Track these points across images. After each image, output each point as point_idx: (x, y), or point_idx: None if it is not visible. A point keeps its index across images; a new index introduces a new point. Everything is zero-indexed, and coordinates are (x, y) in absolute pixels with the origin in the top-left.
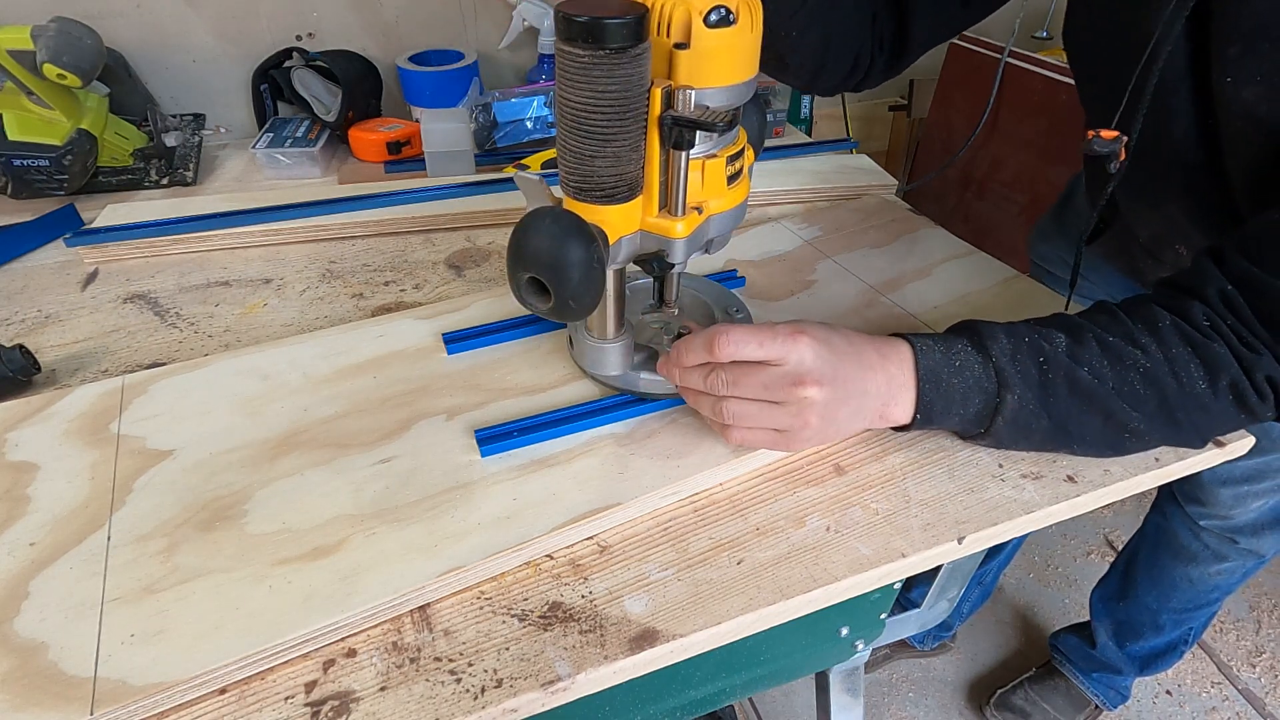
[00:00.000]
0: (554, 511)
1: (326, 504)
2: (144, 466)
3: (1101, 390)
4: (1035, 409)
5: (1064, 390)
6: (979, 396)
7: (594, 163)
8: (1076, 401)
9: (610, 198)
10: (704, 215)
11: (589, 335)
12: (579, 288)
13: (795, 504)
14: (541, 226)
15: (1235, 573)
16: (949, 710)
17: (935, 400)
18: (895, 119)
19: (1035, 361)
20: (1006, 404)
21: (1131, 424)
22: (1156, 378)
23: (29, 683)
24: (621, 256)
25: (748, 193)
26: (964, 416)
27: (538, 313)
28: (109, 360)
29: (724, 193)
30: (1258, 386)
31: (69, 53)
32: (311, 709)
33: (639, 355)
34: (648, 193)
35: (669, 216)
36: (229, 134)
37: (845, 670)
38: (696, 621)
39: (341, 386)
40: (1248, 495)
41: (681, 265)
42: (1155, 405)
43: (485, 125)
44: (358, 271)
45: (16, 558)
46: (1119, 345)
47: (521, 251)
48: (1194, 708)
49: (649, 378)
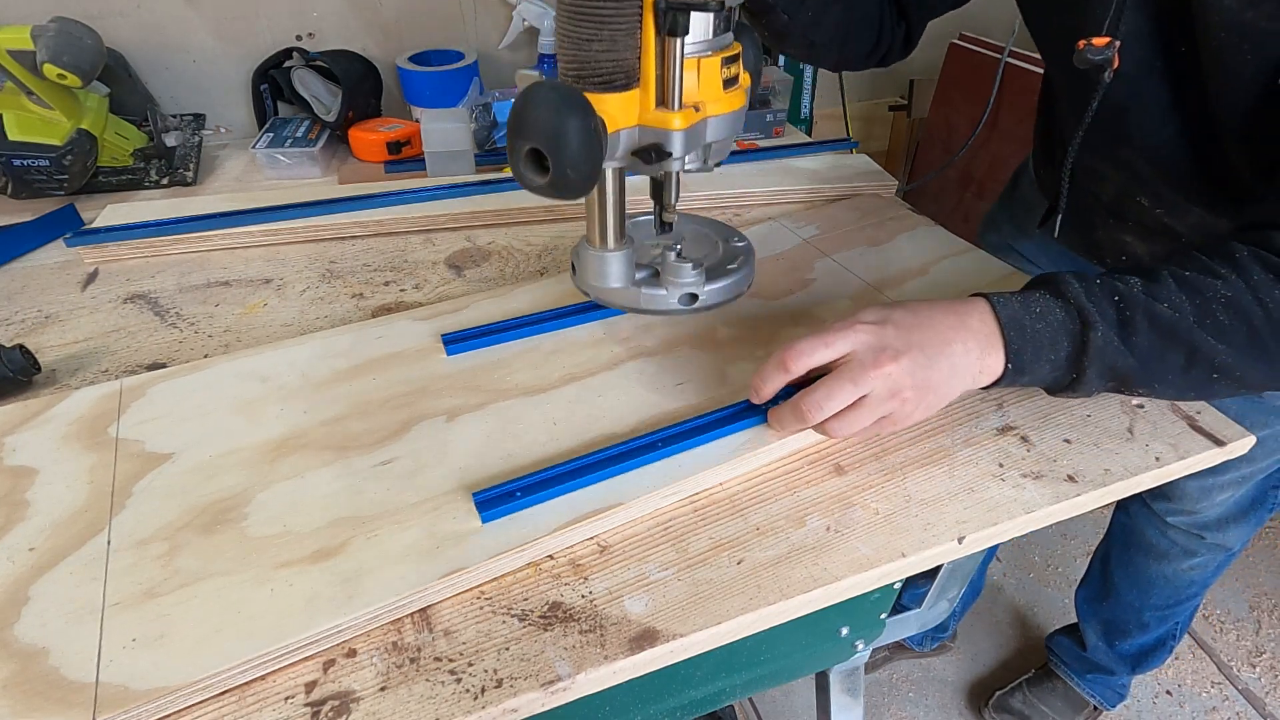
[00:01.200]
0: (556, 512)
1: (327, 506)
2: (143, 470)
3: (1183, 323)
4: (1119, 346)
5: (1144, 326)
6: (1065, 338)
7: (591, 47)
8: (1158, 337)
9: (608, 84)
10: (701, 114)
11: (591, 247)
12: (577, 156)
13: (795, 504)
14: (540, 96)
15: (1208, 567)
16: (949, 710)
17: (1024, 347)
18: (895, 119)
19: (1111, 301)
20: (1092, 342)
21: (1219, 359)
22: (1240, 306)
23: (30, 688)
24: (621, 149)
25: (744, 103)
26: (1055, 361)
27: (536, 189)
28: (109, 360)
29: (720, 96)
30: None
31: (69, 53)
32: (312, 709)
33: (641, 273)
34: (645, 88)
35: (667, 110)
36: (229, 134)
37: (845, 670)
38: (696, 621)
39: (341, 388)
40: (1213, 488)
41: (678, 162)
42: (1244, 336)
43: (485, 125)
44: (358, 271)
45: (16, 563)
46: (1196, 279)
47: (521, 122)
48: (1194, 708)
49: (650, 293)
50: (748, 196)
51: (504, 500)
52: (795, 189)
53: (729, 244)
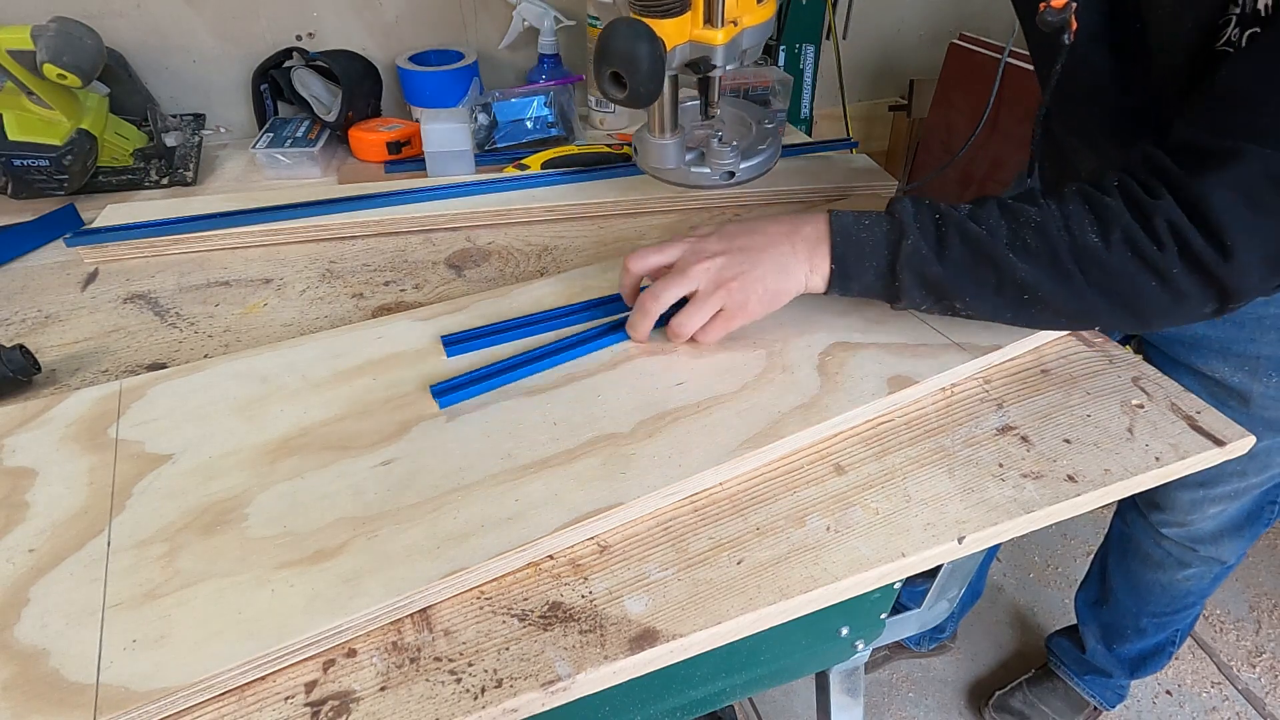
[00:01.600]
0: (555, 512)
1: (327, 507)
2: (143, 471)
3: (991, 241)
4: (928, 255)
5: (956, 240)
6: (885, 246)
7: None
8: (968, 251)
9: (668, 12)
10: (739, 27)
11: (652, 136)
12: (648, 76)
13: (795, 504)
14: (620, 31)
15: (1204, 578)
16: (949, 711)
17: (848, 252)
18: (895, 119)
19: (933, 219)
20: (903, 249)
21: (1023, 277)
22: (1046, 230)
23: (30, 690)
24: (676, 63)
25: (772, 12)
26: (877, 268)
27: (616, 101)
28: (109, 360)
29: (754, 9)
30: (1155, 233)
31: (69, 53)
32: (311, 709)
33: (690, 154)
34: (695, 11)
35: (711, 28)
36: (229, 134)
37: (845, 670)
38: (696, 621)
39: (341, 388)
40: (1204, 500)
41: (720, 69)
42: (1047, 259)
43: (485, 125)
44: (358, 271)
45: (16, 564)
46: (1018, 206)
47: (605, 50)
48: (1194, 708)
49: (699, 170)
50: (748, 196)
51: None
52: (795, 189)
53: (761, 125)
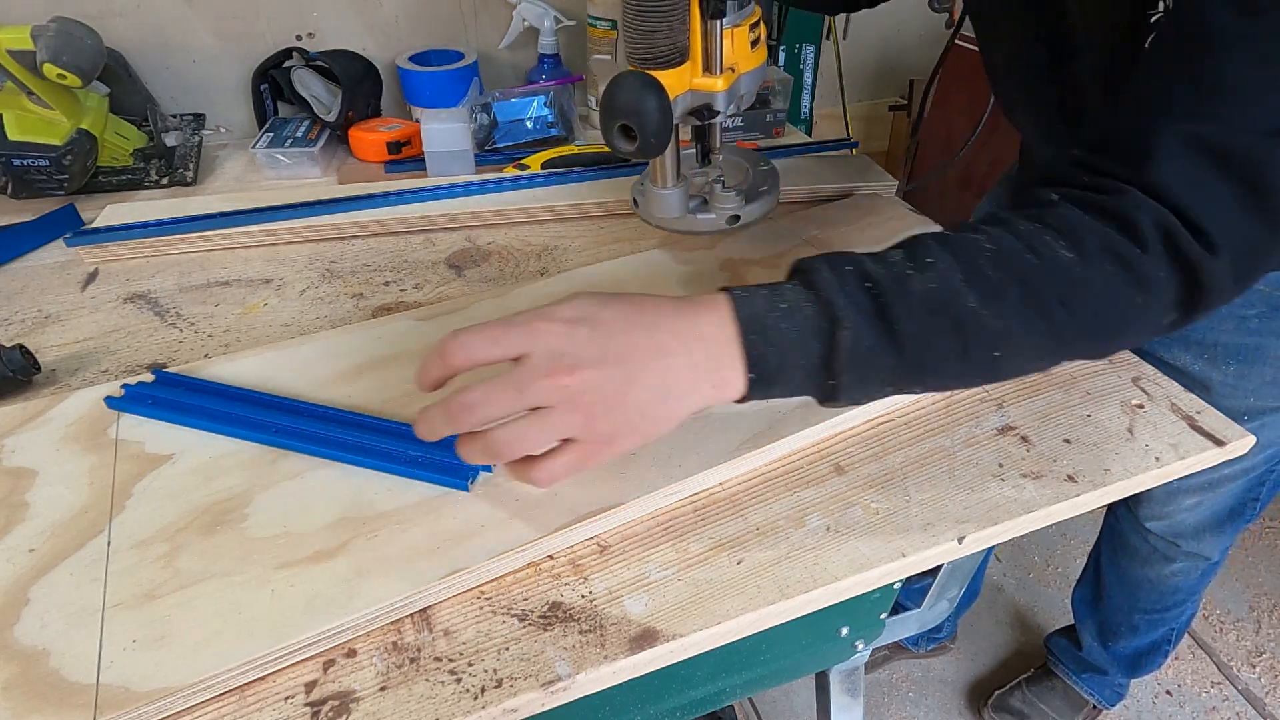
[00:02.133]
0: (555, 512)
1: (328, 507)
2: (143, 471)
3: (947, 292)
4: (874, 344)
5: (901, 307)
6: (814, 338)
7: (655, 35)
8: (922, 318)
9: (668, 63)
10: (736, 73)
11: (654, 186)
12: (657, 128)
13: (795, 504)
14: (627, 84)
15: (1190, 574)
16: (949, 710)
17: (767, 352)
18: (895, 119)
19: (862, 287)
20: (841, 342)
21: (998, 330)
22: (1007, 257)
23: (30, 690)
24: (678, 112)
25: (765, 58)
26: (807, 368)
27: (626, 154)
28: (109, 360)
29: (748, 55)
30: (1138, 234)
31: (69, 53)
32: (311, 709)
33: (693, 201)
34: (694, 61)
35: (710, 76)
36: (229, 134)
37: (845, 670)
38: (696, 621)
39: (341, 388)
40: (1178, 492)
41: (723, 116)
42: (1017, 294)
43: (485, 125)
44: (358, 271)
45: (16, 564)
46: (961, 238)
47: (613, 104)
48: (1194, 708)
49: (704, 217)
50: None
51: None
52: (795, 189)
53: (757, 168)
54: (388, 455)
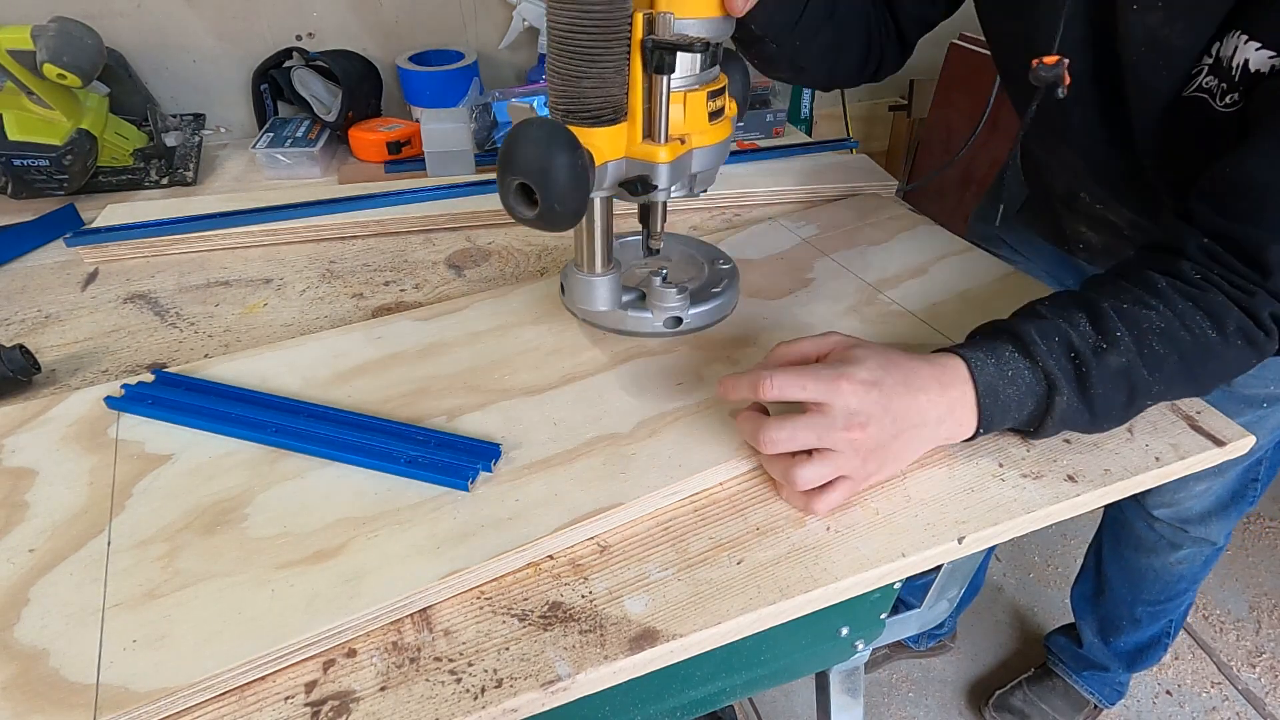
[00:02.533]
0: (556, 512)
1: (328, 507)
2: (143, 471)
3: (1133, 370)
4: (1078, 406)
5: (1098, 380)
6: (1031, 400)
7: (581, 84)
8: (1112, 388)
9: (597, 119)
10: (687, 146)
11: (579, 271)
12: (564, 190)
13: None
14: (530, 133)
15: (1195, 560)
16: (949, 710)
17: (995, 413)
18: (895, 119)
19: (1069, 359)
20: (1056, 405)
21: (1156, 389)
22: (1171, 335)
23: (31, 690)
24: (608, 181)
25: (730, 133)
26: (1019, 419)
27: (525, 221)
28: (109, 360)
29: (706, 128)
30: (1263, 324)
31: (69, 53)
32: (311, 709)
33: (628, 295)
34: (632, 121)
35: (653, 144)
36: (229, 134)
37: (845, 670)
38: (696, 621)
39: (341, 388)
40: (1189, 479)
41: (664, 193)
42: (1175, 364)
43: (485, 125)
44: (358, 271)
45: (16, 564)
46: (1133, 311)
47: (511, 157)
48: (1194, 708)
49: (636, 315)
50: (748, 196)
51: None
52: (795, 189)
53: (714, 265)
54: (387, 455)
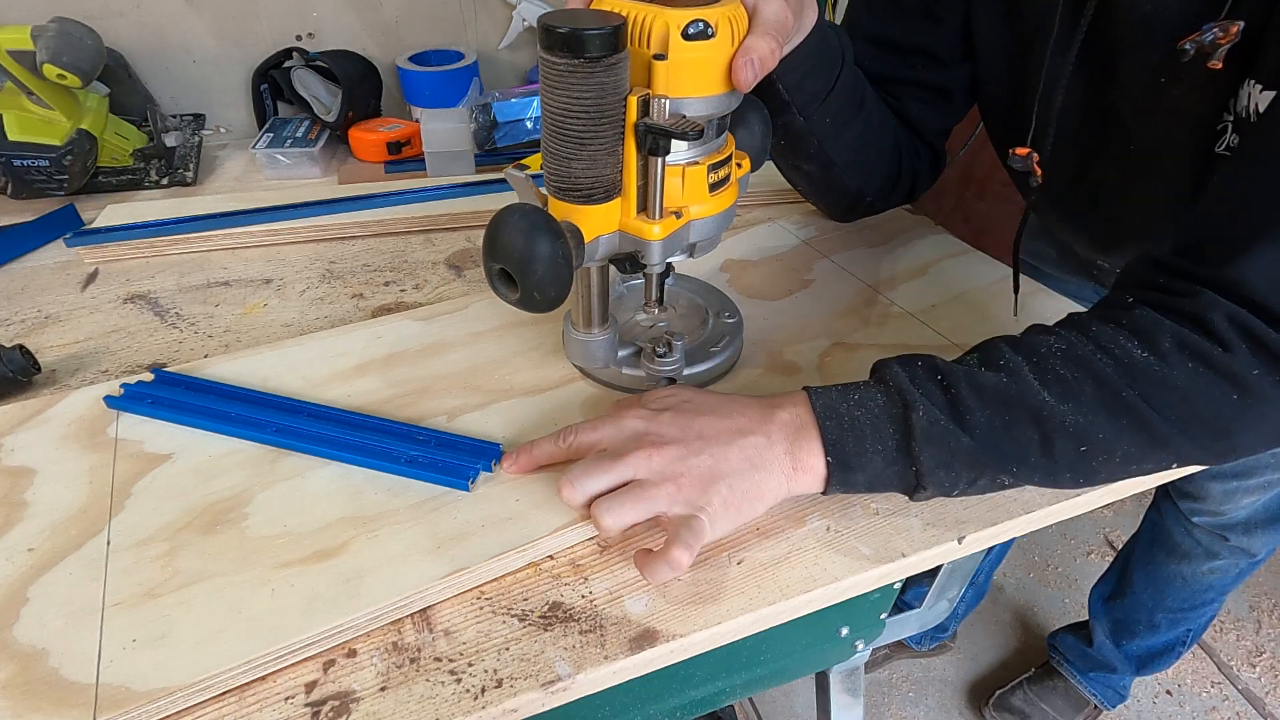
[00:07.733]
0: (556, 512)
1: (328, 506)
2: (143, 470)
3: (1018, 386)
4: (947, 424)
5: (973, 398)
6: (889, 423)
7: (571, 165)
8: (994, 408)
9: (588, 198)
10: (683, 220)
11: (574, 329)
12: (544, 280)
13: (795, 504)
14: (511, 222)
15: (1229, 571)
16: (949, 710)
17: (843, 437)
18: None
19: (933, 379)
20: (915, 423)
21: (1079, 425)
22: (1079, 357)
23: (30, 689)
24: (599, 254)
25: (734, 200)
26: (885, 452)
27: (508, 302)
28: (109, 360)
29: (706, 199)
30: (1213, 330)
31: (69, 53)
32: (312, 709)
33: (625, 350)
34: (626, 195)
35: (646, 219)
36: (229, 134)
37: (845, 670)
38: (696, 621)
39: (341, 389)
40: (1238, 491)
41: (658, 267)
42: (1093, 391)
43: (485, 125)
44: (358, 272)
45: (15, 563)
46: (1030, 339)
47: (493, 244)
48: (1194, 708)
49: (631, 373)
50: (748, 197)
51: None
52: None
53: (719, 319)
54: (388, 455)
